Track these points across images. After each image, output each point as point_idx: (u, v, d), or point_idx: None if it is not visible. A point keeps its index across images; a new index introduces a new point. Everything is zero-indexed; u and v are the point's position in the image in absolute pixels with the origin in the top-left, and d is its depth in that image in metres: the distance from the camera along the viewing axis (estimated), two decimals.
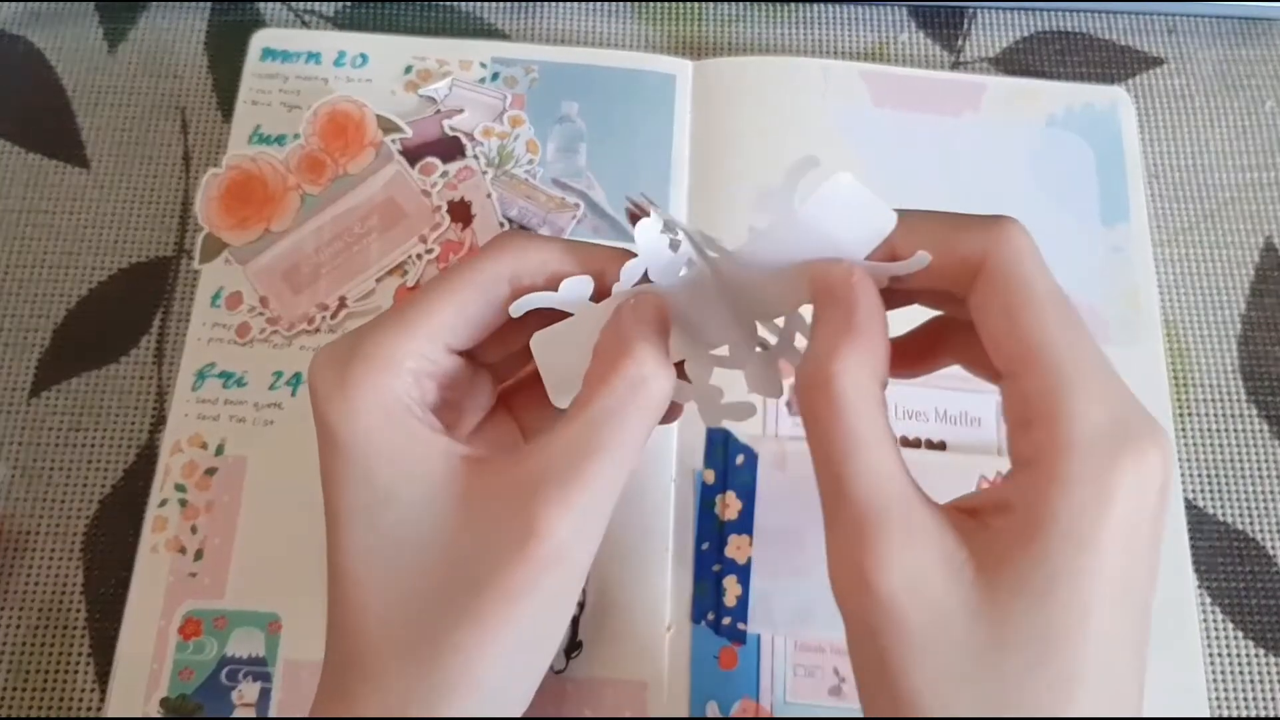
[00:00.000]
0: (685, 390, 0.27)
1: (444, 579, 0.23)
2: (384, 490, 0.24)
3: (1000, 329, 0.23)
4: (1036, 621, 0.21)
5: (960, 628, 0.21)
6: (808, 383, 0.23)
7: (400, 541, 0.24)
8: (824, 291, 0.24)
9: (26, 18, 0.47)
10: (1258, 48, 0.49)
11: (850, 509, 0.22)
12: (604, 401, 0.24)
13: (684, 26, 0.49)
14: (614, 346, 0.25)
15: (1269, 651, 0.38)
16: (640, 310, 0.25)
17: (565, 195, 0.43)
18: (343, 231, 0.42)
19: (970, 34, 0.49)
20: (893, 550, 0.21)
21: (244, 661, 0.36)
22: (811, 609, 0.37)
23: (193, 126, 0.46)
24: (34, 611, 0.38)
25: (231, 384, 0.40)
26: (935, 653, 0.21)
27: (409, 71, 0.45)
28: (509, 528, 0.23)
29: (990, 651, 0.21)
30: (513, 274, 0.26)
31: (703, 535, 0.38)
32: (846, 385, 0.22)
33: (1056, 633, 0.21)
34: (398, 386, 0.24)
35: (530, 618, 0.23)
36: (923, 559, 0.21)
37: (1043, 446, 0.21)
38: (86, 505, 0.39)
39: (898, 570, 0.21)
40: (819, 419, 0.22)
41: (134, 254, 0.43)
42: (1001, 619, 0.21)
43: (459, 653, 0.22)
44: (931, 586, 0.21)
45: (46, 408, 0.41)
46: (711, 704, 0.36)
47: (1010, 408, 0.23)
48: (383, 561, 0.24)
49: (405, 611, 0.23)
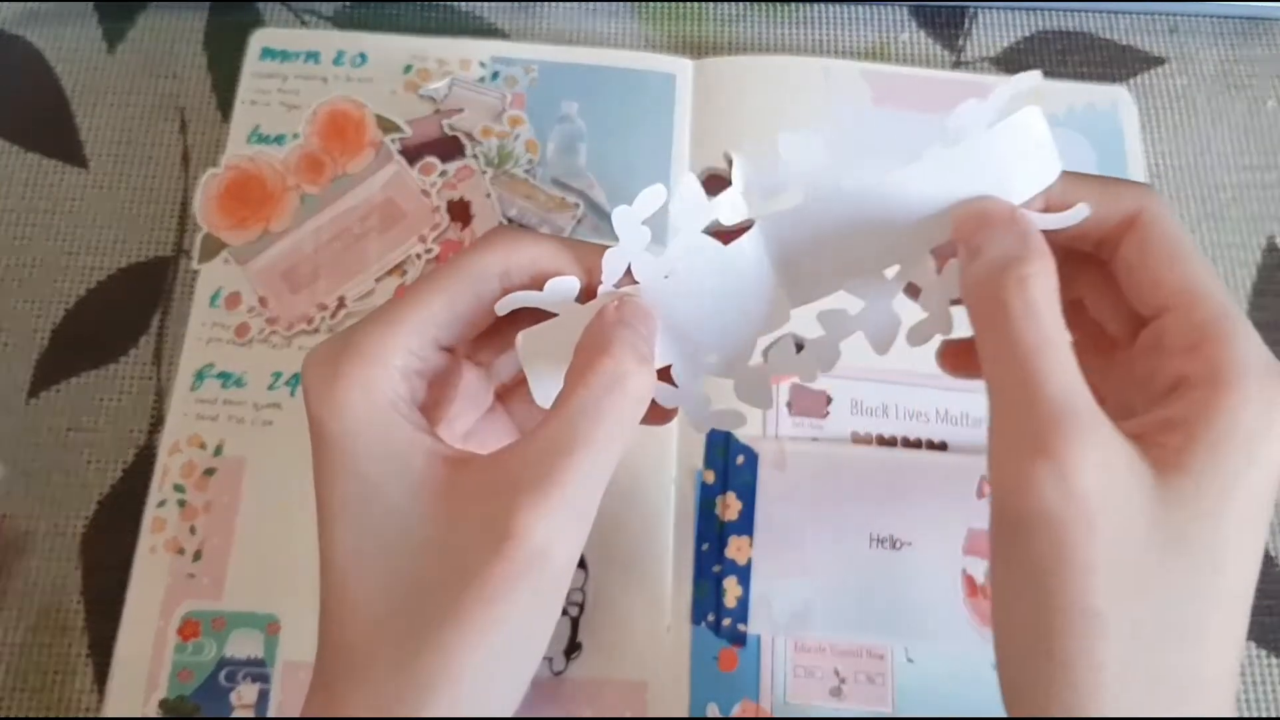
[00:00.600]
0: (672, 396, 0.27)
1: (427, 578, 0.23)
2: (369, 487, 0.24)
3: (1160, 272, 0.25)
4: (1206, 531, 0.22)
5: (1141, 531, 0.22)
6: (997, 281, 0.23)
7: (385, 539, 0.24)
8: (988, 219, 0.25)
9: (25, 17, 0.47)
10: (1259, 47, 0.49)
11: (1045, 405, 0.22)
12: (581, 399, 0.24)
13: (684, 26, 0.49)
14: (594, 345, 0.25)
15: (1270, 652, 0.38)
16: (623, 310, 0.25)
17: (565, 195, 0.43)
18: (342, 231, 0.42)
19: (971, 33, 0.49)
20: (1089, 447, 0.21)
21: (242, 663, 0.36)
22: (811, 610, 0.37)
23: (192, 126, 0.46)
24: (32, 612, 0.38)
25: (230, 384, 0.40)
26: (1119, 553, 0.21)
27: (408, 71, 0.45)
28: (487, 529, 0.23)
29: (1166, 558, 0.22)
30: (503, 270, 0.26)
31: (703, 536, 0.38)
32: (1040, 287, 0.23)
33: (1223, 545, 0.22)
34: (385, 383, 0.24)
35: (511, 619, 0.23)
36: (1114, 460, 0.22)
37: (1218, 364, 0.23)
38: (85, 506, 0.39)
39: (1093, 467, 0.21)
40: (1010, 317, 0.23)
41: (133, 254, 0.43)
42: (1177, 527, 0.22)
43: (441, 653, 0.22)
44: (1120, 487, 0.22)
45: (45, 408, 0.40)
46: (711, 705, 0.36)
47: (1172, 338, 0.24)
48: (369, 558, 0.24)
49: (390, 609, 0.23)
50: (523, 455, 0.23)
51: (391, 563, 0.23)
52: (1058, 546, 0.21)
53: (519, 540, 0.22)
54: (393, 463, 0.24)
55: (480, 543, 0.23)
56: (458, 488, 0.24)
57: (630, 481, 0.39)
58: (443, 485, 0.24)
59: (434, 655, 0.22)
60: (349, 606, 0.24)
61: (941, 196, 0.25)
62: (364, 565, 0.24)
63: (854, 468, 0.39)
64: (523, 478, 0.23)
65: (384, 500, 0.24)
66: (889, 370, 0.41)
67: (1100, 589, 0.21)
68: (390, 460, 0.24)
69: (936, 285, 0.27)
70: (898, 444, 0.40)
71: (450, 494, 0.24)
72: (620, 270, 0.26)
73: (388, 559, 0.24)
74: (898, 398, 0.40)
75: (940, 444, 0.40)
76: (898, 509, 0.38)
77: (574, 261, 0.26)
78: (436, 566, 0.23)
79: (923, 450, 0.40)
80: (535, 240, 0.26)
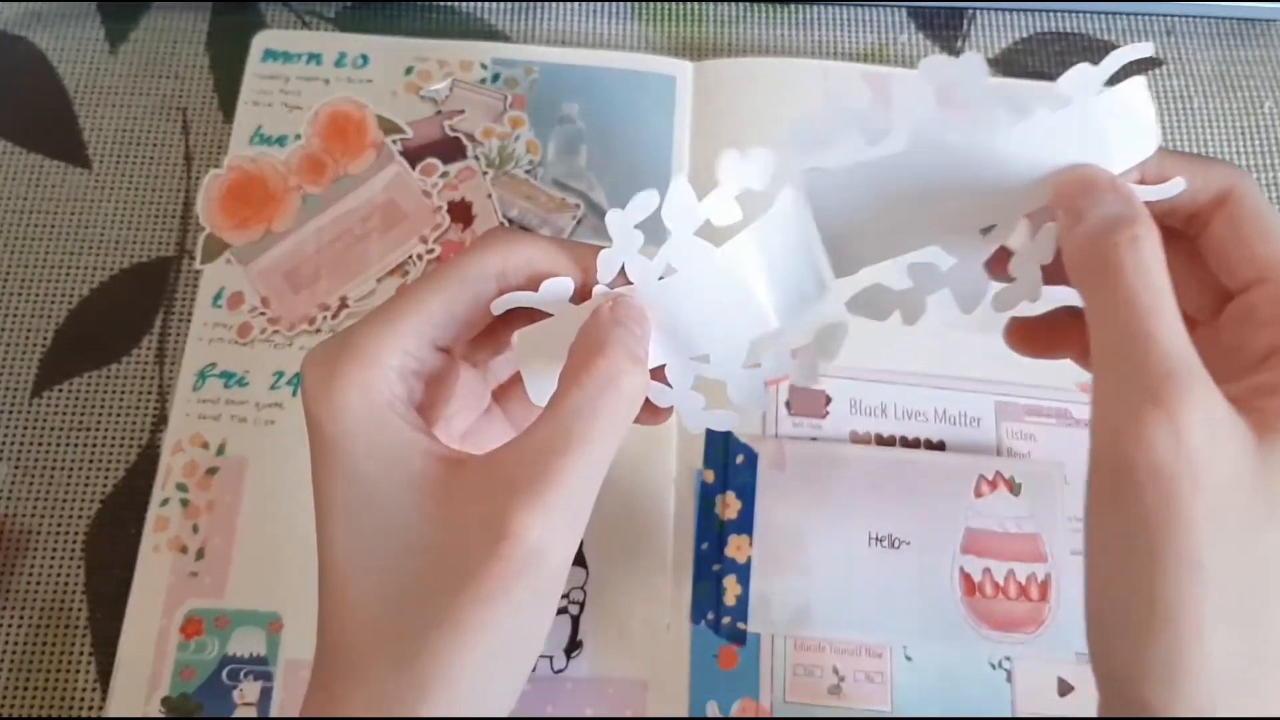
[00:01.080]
0: (666, 395, 0.27)
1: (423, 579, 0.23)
2: (366, 487, 0.24)
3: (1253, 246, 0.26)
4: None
5: (1244, 490, 0.22)
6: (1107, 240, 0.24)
7: (382, 539, 0.24)
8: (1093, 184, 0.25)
9: (28, 18, 0.48)
10: (1256, 48, 0.49)
11: (1159, 362, 0.22)
12: (575, 399, 0.24)
13: (684, 28, 0.49)
14: (588, 345, 0.25)
15: None
16: (617, 311, 0.25)
17: (565, 196, 0.44)
18: (344, 232, 0.42)
19: (970, 35, 0.49)
20: (1200, 404, 0.22)
21: (245, 661, 0.36)
22: (810, 608, 0.37)
23: (194, 127, 0.46)
24: (35, 611, 0.38)
25: (233, 384, 0.40)
26: (1223, 509, 0.22)
27: (410, 72, 0.46)
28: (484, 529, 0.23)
29: (1262, 519, 0.22)
30: (499, 271, 0.26)
31: (703, 535, 0.38)
32: (1150, 248, 0.23)
33: None
34: (382, 383, 0.25)
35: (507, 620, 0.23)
36: (1222, 418, 0.22)
37: None
38: (88, 505, 0.39)
39: (1203, 423, 0.22)
40: (1123, 276, 0.23)
41: (135, 254, 0.43)
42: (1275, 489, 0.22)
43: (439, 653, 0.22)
44: (1225, 447, 0.22)
45: (48, 407, 0.41)
46: (711, 703, 0.36)
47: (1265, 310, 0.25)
48: (366, 558, 0.24)
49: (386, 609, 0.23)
50: (518, 455, 0.24)
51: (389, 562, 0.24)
52: (1166, 498, 0.22)
53: (515, 540, 0.22)
54: (390, 463, 0.24)
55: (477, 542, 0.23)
56: (454, 488, 0.24)
57: (630, 481, 0.39)
58: (439, 485, 0.24)
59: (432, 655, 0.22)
60: (347, 606, 0.24)
61: (1042, 160, 0.25)
62: (362, 565, 0.24)
63: (853, 467, 0.39)
64: (518, 477, 0.23)
65: (381, 500, 0.24)
66: (888, 370, 0.41)
67: (1204, 543, 0.21)
68: (387, 460, 0.24)
69: (1030, 249, 0.26)
70: (896, 443, 0.40)
71: (447, 494, 0.24)
72: (614, 271, 0.26)
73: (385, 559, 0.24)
74: (896, 397, 0.41)
75: (939, 443, 0.40)
76: (896, 508, 0.39)
77: (570, 262, 0.27)
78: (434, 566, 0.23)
79: (921, 449, 0.40)
80: (532, 241, 0.27)
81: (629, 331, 0.25)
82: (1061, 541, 0.38)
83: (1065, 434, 0.40)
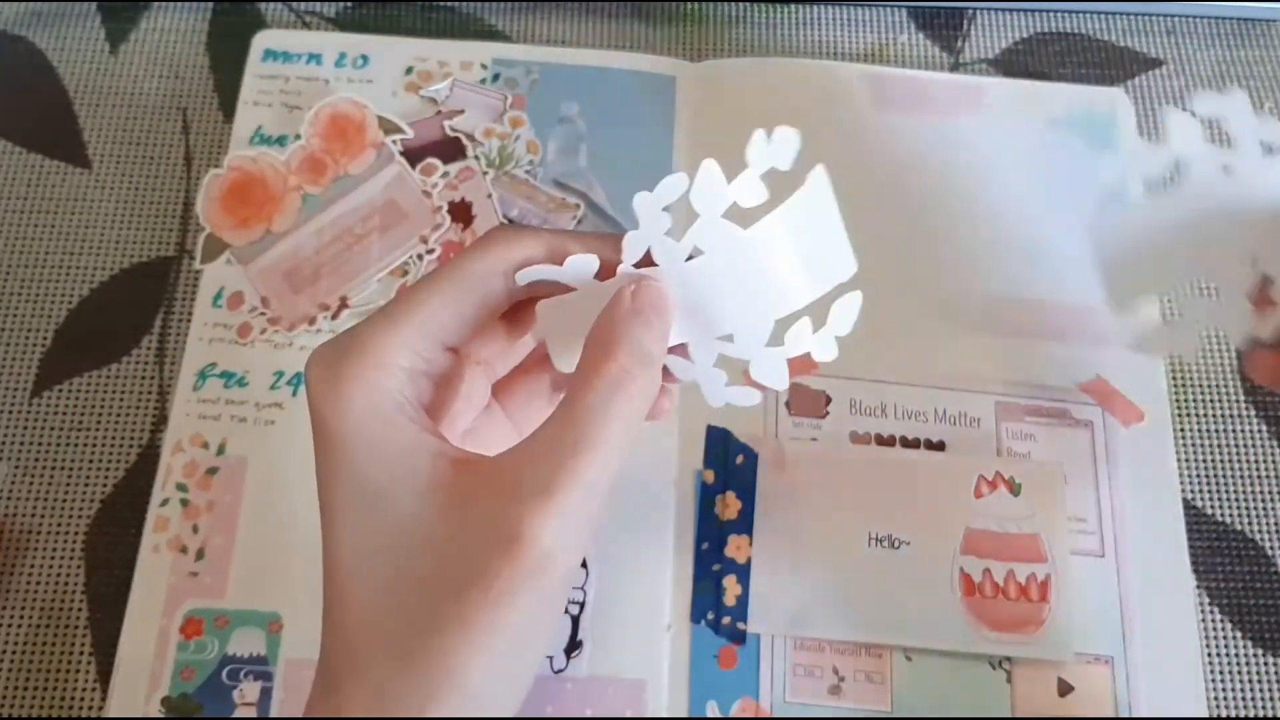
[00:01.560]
0: (688, 370, 0.27)
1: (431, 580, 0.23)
2: (373, 488, 0.24)
3: None
4: None
5: None
6: None
7: (389, 540, 0.24)
8: None
9: (28, 18, 0.48)
10: (1256, 49, 0.49)
11: None
12: (586, 400, 0.24)
13: (684, 28, 0.49)
14: (601, 343, 0.25)
15: (1267, 651, 0.38)
16: (638, 299, 0.25)
17: (565, 196, 0.44)
18: (344, 232, 0.42)
19: (970, 35, 0.49)
20: None
21: (245, 661, 0.36)
22: (810, 609, 0.37)
23: (194, 127, 0.46)
24: (35, 611, 0.38)
25: (233, 384, 0.40)
26: None
27: (410, 72, 0.46)
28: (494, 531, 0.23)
29: None
30: (505, 268, 0.26)
31: (703, 535, 0.38)
32: None
33: None
34: (389, 384, 0.24)
35: (517, 622, 0.23)
36: None
37: None
38: (88, 505, 0.39)
39: None
40: None
41: (135, 254, 0.43)
42: None
43: (445, 655, 0.22)
44: None
45: (48, 407, 0.41)
46: (711, 703, 0.36)
47: None
48: (372, 558, 0.24)
49: (394, 611, 0.23)
50: (530, 457, 0.24)
51: (396, 563, 0.23)
52: None
53: (526, 543, 0.22)
54: (397, 463, 0.24)
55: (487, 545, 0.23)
56: (464, 489, 0.24)
57: (630, 481, 0.39)
58: (448, 486, 0.24)
59: (439, 657, 0.22)
60: (352, 607, 0.24)
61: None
62: (368, 565, 0.24)
63: (853, 467, 0.39)
64: (530, 480, 0.23)
65: (388, 500, 0.24)
66: (887, 370, 0.41)
67: None
68: (395, 461, 0.24)
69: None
70: (896, 443, 0.40)
71: (456, 495, 0.24)
72: (639, 254, 0.26)
73: (392, 559, 0.24)
74: (896, 397, 0.41)
75: (938, 444, 0.40)
76: (896, 508, 0.39)
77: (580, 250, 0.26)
78: (442, 568, 0.23)
79: (921, 450, 0.40)
80: (534, 236, 0.26)
81: (645, 323, 0.25)
82: (1061, 541, 0.38)
83: (1065, 434, 0.40)
